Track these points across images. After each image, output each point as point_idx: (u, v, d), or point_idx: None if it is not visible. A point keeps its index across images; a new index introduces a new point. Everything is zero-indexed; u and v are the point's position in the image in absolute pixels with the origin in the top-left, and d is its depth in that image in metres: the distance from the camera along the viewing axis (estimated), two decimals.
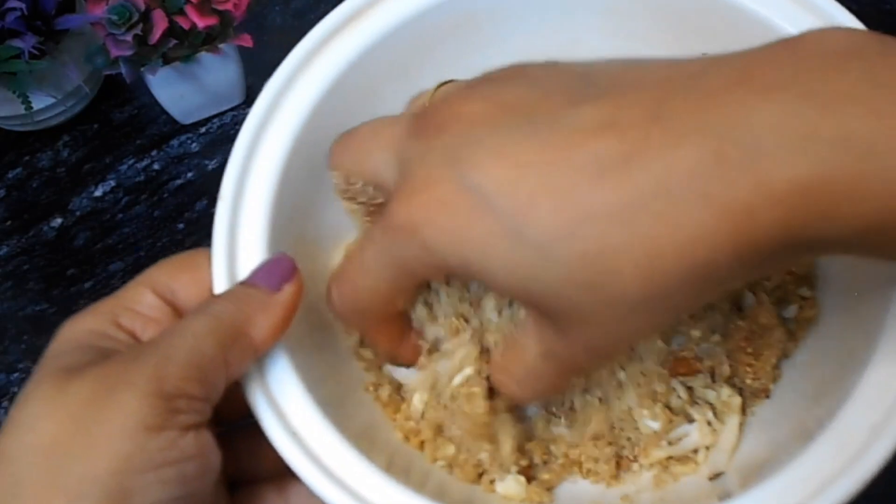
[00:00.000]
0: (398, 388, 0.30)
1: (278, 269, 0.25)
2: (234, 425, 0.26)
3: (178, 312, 0.26)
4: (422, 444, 0.29)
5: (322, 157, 0.29)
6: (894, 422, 0.21)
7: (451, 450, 0.28)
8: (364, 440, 0.25)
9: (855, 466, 0.22)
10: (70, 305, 0.52)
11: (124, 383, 0.22)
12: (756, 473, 0.23)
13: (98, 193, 0.56)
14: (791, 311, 0.29)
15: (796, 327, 0.29)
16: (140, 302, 0.26)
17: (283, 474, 0.25)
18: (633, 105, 0.20)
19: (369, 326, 0.27)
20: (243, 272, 0.26)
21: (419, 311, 0.27)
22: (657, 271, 0.20)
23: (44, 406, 0.22)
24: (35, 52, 0.51)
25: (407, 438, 0.29)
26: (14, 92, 0.52)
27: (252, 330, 0.24)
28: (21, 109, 0.53)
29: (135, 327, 0.26)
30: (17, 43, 0.50)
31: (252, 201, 0.27)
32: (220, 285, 0.26)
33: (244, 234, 0.27)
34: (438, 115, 0.23)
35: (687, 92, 0.20)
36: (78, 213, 0.56)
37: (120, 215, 0.55)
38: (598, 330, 0.22)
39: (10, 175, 0.58)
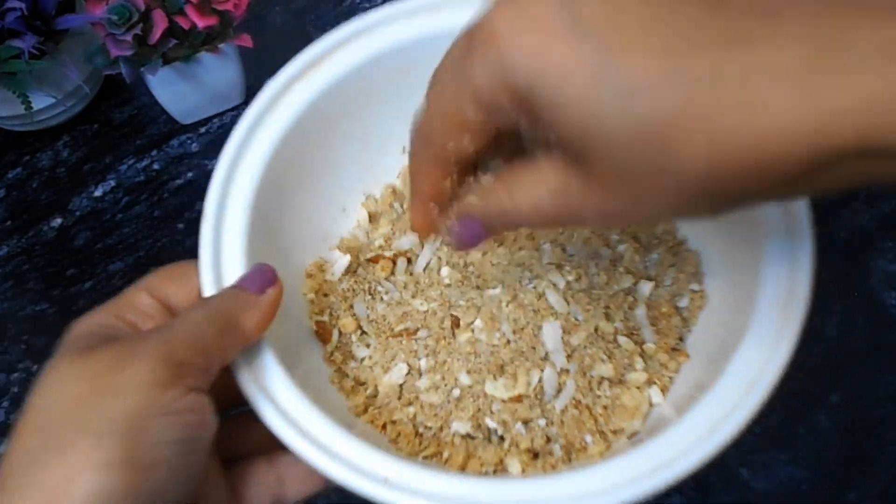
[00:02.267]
0: (359, 381, 0.35)
1: (262, 276, 0.30)
2: (226, 414, 0.30)
3: (171, 313, 0.30)
4: (384, 426, 0.34)
5: (287, 182, 0.34)
6: (762, 381, 0.28)
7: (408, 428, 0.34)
8: (338, 418, 0.30)
9: (734, 414, 0.27)
10: (70, 305, 0.52)
11: (137, 353, 0.26)
12: (662, 427, 0.29)
13: (98, 193, 0.56)
14: (685, 301, 0.36)
15: (689, 315, 0.36)
16: (140, 302, 0.30)
17: (271, 449, 0.30)
18: (744, 4, 0.20)
19: (432, 157, 0.26)
20: (228, 282, 0.31)
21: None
22: (726, 150, 0.20)
23: (68, 372, 0.26)
24: (35, 52, 0.51)
25: (371, 421, 0.34)
26: (14, 92, 0.52)
27: (242, 322, 0.28)
28: (21, 109, 0.53)
29: (136, 322, 0.29)
30: (17, 43, 0.50)
31: (232, 221, 0.32)
32: (208, 292, 0.31)
33: (226, 250, 0.32)
34: None
35: (804, 3, 0.20)
36: (78, 213, 0.56)
37: (120, 215, 0.55)
38: (631, 193, 0.22)
39: (10, 175, 0.58)
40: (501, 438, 0.33)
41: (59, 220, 0.56)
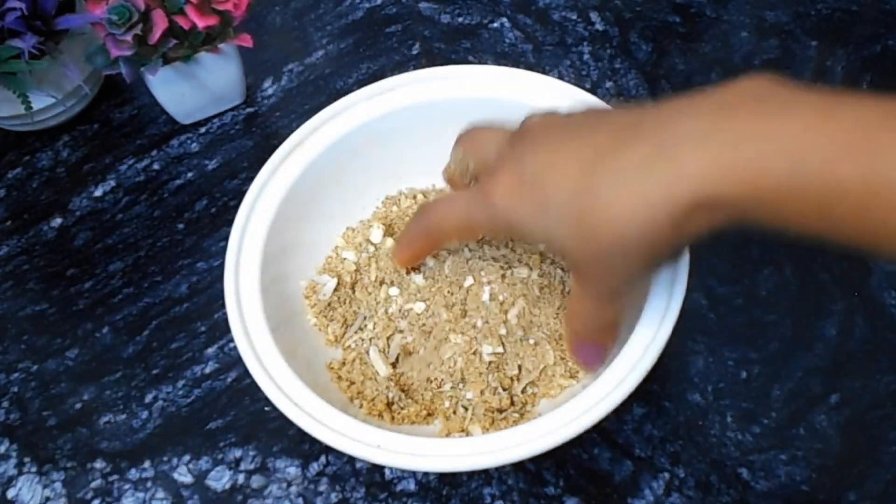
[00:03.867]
0: (351, 381, 0.44)
1: None
2: None
3: None
4: (380, 414, 0.42)
5: (291, 220, 0.45)
6: (648, 354, 0.37)
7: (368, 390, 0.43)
8: (322, 392, 0.39)
9: (633, 372, 0.37)
10: (70, 305, 0.52)
11: None
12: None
13: (98, 193, 0.56)
14: None
15: None
16: None
17: None
18: (623, 123, 0.33)
19: (427, 235, 0.41)
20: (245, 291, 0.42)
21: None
22: (622, 227, 0.31)
23: None
24: (35, 52, 0.51)
25: (361, 406, 0.43)
26: (14, 92, 0.52)
27: None
28: (21, 109, 0.53)
29: None
30: (17, 43, 0.50)
31: (250, 247, 0.43)
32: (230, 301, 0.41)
33: (245, 266, 0.42)
34: (523, 131, 0.37)
35: (653, 115, 0.32)
36: (78, 213, 0.56)
37: (120, 215, 0.55)
38: (599, 274, 0.34)
39: (10, 175, 0.58)
40: (465, 409, 0.42)
41: (59, 220, 0.56)
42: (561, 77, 0.58)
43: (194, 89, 0.55)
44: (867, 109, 0.27)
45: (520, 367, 0.43)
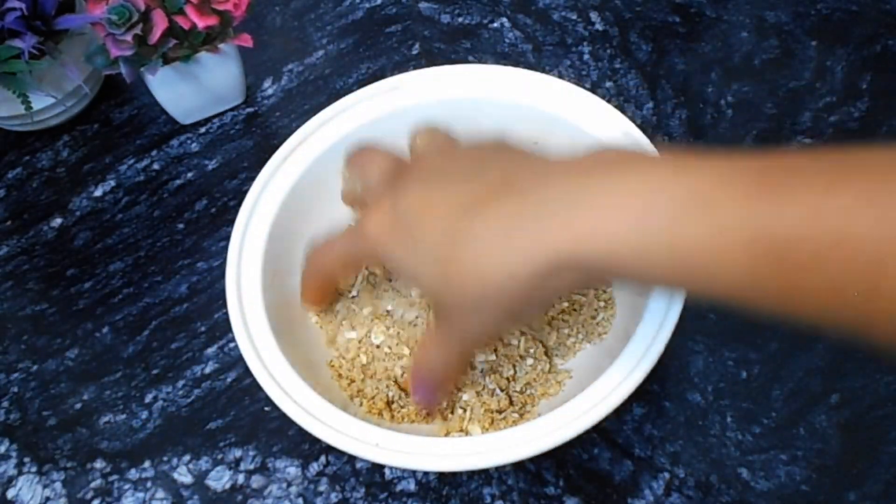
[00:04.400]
0: (352, 379, 0.44)
1: None
2: None
3: None
4: (379, 413, 0.43)
5: (294, 220, 0.45)
6: (649, 355, 0.37)
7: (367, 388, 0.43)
8: (323, 390, 0.40)
9: (634, 372, 0.37)
10: (70, 305, 0.52)
11: None
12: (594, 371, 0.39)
13: (98, 193, 0.56)
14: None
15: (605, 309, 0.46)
16: None
17: None
18: (502, 175, 0.33)
19: (317, 278, 0.43)
20: (246, 287, 0.42)
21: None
22: (485, 279, 0.32)
23: None
24: (35, 52, 0.51)
25: (360, 404, 0.43)
26: (14, 92, 0.52)
27: None
28: (21, 109, 0.53)
29: None
30: (17, 43, 0.50)
31: (254, 237, 0.44)
32: (231, 296, 0.42)
33: (247, 260, 0.43)
34: (409, 165, 0.38)
35: (528, 172, 0.33)
36: (78, 213, 0.56)
37: (120, 215, 0.55)
38: (458, 321, 0.35)
39: (10, 175, 0.58)
40: (463, 409, 0.42)
41: (59, 220, 0.56)
42: (561, 77, 0.58)
43: (194, 89, 0.55)
44: (705, 171, 0.29)
45: (515, 369, 0.43)
